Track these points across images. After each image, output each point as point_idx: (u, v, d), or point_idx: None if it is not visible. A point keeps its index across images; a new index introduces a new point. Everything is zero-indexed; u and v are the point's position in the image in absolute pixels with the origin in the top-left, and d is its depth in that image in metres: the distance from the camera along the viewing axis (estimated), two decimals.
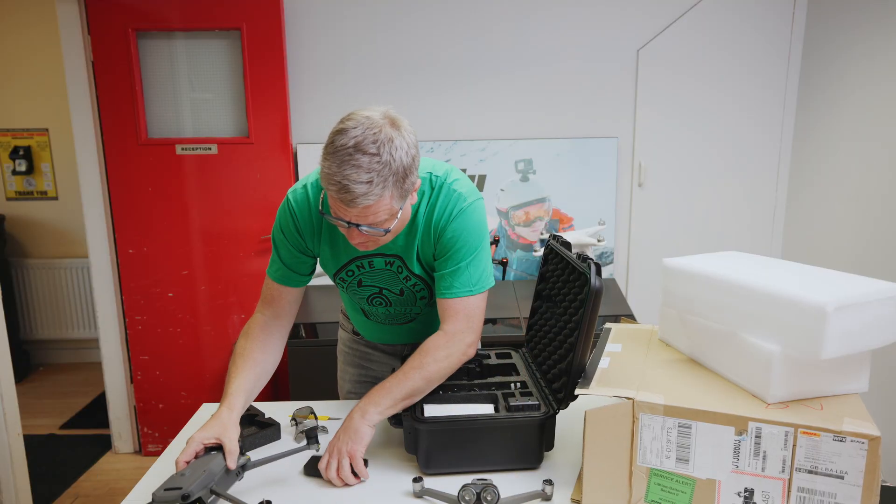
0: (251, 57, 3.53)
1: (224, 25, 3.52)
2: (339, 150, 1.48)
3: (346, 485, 1.64)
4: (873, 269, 3.05)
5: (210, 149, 3.63)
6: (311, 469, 1.72)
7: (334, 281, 1.93)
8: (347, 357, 2.27)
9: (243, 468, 1.60)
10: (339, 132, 1.51)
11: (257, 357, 1.82)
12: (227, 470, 1.56)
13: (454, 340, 1.74)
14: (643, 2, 3.66)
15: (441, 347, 1.74)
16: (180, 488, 1.43)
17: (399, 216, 1.59)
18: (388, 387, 1.70)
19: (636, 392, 1.46)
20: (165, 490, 1.44)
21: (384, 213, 1.54)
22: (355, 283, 1.87)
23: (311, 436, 1.68)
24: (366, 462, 1.70)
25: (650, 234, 3.90)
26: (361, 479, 1.65)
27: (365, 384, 2.19)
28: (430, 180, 1.75)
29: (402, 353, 2.13)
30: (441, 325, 1.77)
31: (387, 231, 1.58)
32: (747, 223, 3.89)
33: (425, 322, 2.01)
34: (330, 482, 1.65)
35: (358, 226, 1.54)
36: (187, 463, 1.55)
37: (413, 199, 1.65)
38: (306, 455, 1.75)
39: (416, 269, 1.81)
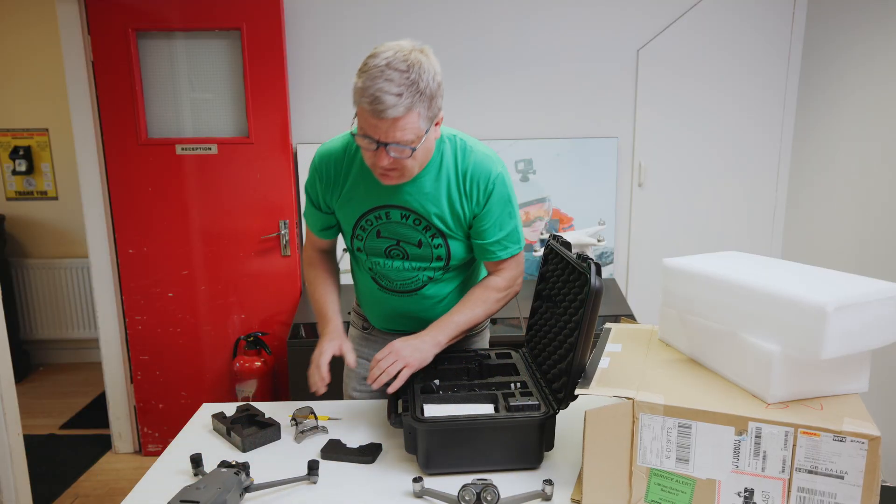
0: (251, 57, 3.53)
1: (224, 25, 3.52)
2: (372, 68, 1.59)
3: (377, 383, 1.82)
4: (873, 269, 3.05)
5: (210, 149, 3.63)
6: (328, 452, 1.80)
7: (351, 244, 2.01)
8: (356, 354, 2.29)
9: (247, 490, 1.60)
10: (371, 56, 1.62)
11: (330, 280, 2.12)
12: (242, 492, 1.58)
13: (514, 285, 2.02)
14: (643, 2, 3.66)
15: (503, 289, 1.99)
16: (197, 502, 1.43)
17: (423, 141, 1.68)
18: (455, 319, 1.93)
19: (636, 392, 1.47)
20: (181, 502, 1.44)
21: (411, 132, 1.63)
22: (374, 233, 1.93)
23: (313, 467, 1.70)
24: (380, 449, 1.79)
25: (650, 234, 3.90)
26: (394, 388, 1.81)
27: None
28: (455, 141, 1.87)
29: None
30: (491, 273, 2.01)
31: (413, 150, 1.66)
32: (747, 223, 3.89)
33: (433, 296, 2.04)
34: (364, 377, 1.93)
35: (386, 145, 1.64)
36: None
37: (437, 132, 1.77)
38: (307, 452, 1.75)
39: (437, 222, 1.89)
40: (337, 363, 2.43)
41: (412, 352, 1.85)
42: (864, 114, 3.18)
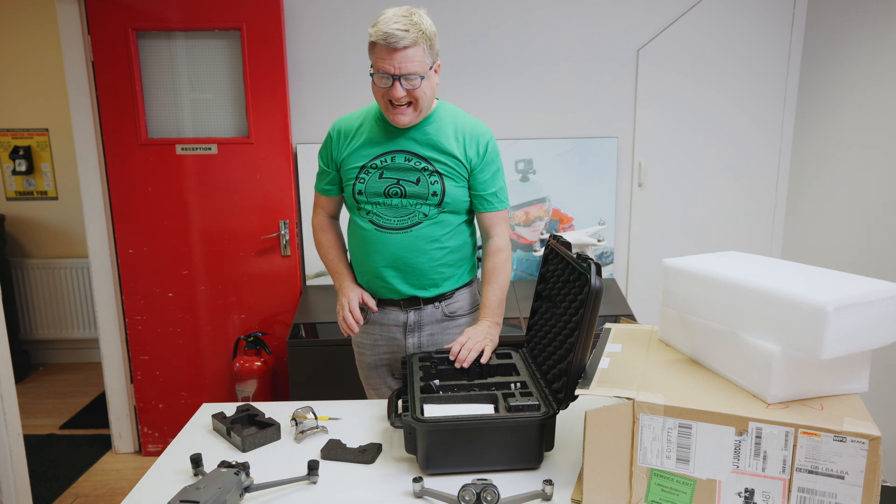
0: (251, 57, 3.53)
1: (224, 25, 3.52)
2: (382, 19, 1.99)
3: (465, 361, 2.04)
4: (873, 270, 3.05)
5: (210, 149, 3.63)
6: (328, 452, 1.81)
7: (353, 189, 2.22)
8: (360, 349, 2.43)
9: (247, 490, 1.60)
10: (379, 16, 2.01)
11: (341, 243, 2.45)
12: (242, 492, 1.58)
13: (509, 245, 2.31)
14: (643, 2, 3.66)
15: (505, 248, 2.29)
16: (197, 502, 1.43)
17: (428, 77, 2.05)
18: (494, 298, 2.24)
19: (636, 392, 1.47)
20: (181, 502, 1.44)
21: (418, 64, 2.00)
22: (377, 175, 2.19)
23: (313, 467, 1.70)
24: (380, 449, 1.84)
25: (650, 234, 3.90)
26: (485, 360, 2.08)
27: (379, 368, 2.42)
28: (451, 106, 2.28)
29: (403, 321, 2.34)
30: (492, 236, 2.29)
31: (422, 80, 2.02)
32: (747, 223, 3.89)
33: (426, 236, 2.21)
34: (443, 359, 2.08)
35: (399, 77, 1.99)
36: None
37: (437, 78, 2.12)
38: (307, 456, 1.75)
39: (436, 164, 2.17)
40: (331, 364, 2.45)
41: (486, 333, 2.15)
42: (863, 114, 3.18)
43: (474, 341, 2.09)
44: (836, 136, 3.39)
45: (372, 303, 2.28)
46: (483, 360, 2.06)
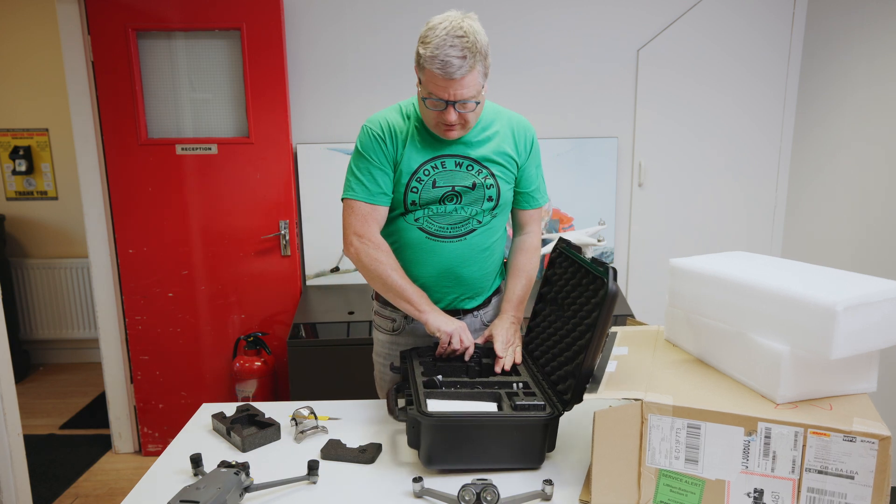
0: (251, 57, 3.52)
1: (224, 25, 3.51)
2: (435, 38, 1.84)
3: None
4: (873, 270, 3.06)
5: (210, 149, 3.62)
6: (328, 452, 1.81)
7: (405, 199, 2.07)
8: (386, 360, 2.30)
9: (247, 490, 1.60)
10: (430, 28, 1.88)
11: (398, 265, 2.10)
12: (241, 492, 1.58)
13: (540, 245, 2.28)
14: (643, 2, 3.66)
15: (537, 247, 2.27)
16: (197, 502, 1.43)
17: (482, 93, 1.95)
18: (524, 296, 2.19)
19: (644, 393, 1.47)
20: (181, 502, 1.43)
21: (474, 88, 1.89)
22: (430, 183, 2.06)
23: (313, 467, 1.70)
24: (380, 449, 1.81)
25: (650, 234, 3.90)
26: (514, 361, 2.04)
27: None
28: (488, 103, 2.16)
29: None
30: (526, 233, 2.26)
31: (477, 104, 1.93)
32: (747, 223, 3.90)
33: (478, 244, 2.13)
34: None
35: (454, 103, 1.89)
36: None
37: (486, 87, 1.98)
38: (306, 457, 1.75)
39: (489, 164, 2.08)
40: (331, 364, 2.42)
41: (515, 332, 2.11)
42: (864, 114, 3.18)
43: (515, 345, 2.06)
44: (836, 136, 3.40)
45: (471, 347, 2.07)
46: (517, 361, 2.03)
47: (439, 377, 1.91)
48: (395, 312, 2.22)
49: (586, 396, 1.53)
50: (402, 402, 1.87)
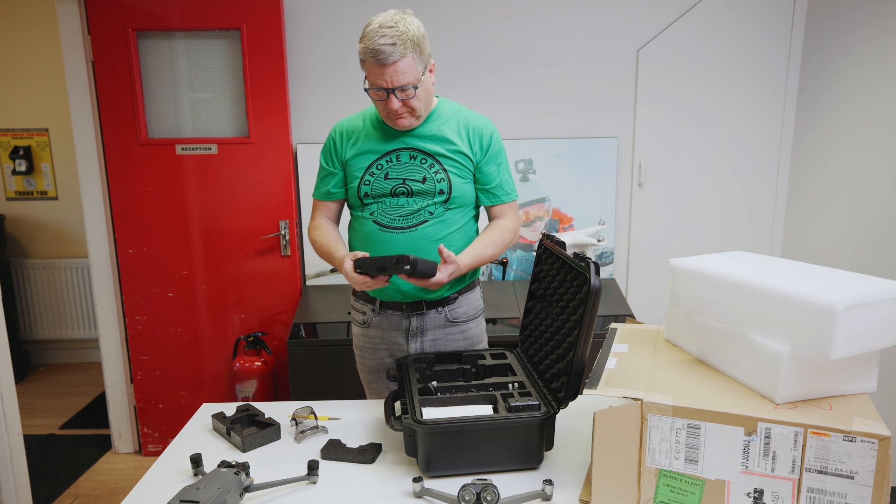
0: (251, 57, 3.52)
1: (224, 25, 3.52)
2: (368, 32, 1.99)
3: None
4: (873, 270, 3.06)
5: (210, 149, 3.62)
6: (328, 452, 1.82)
7: (358, 192, 2.21)
8: (361, 352, 2.39)
9: (247, 490, 1.60)
10: (366, 25, 2.01)
11: (337, 234, 2.32)
12: (241, 492, 1.58)
13: (518, 225, 2.33)
14: (643, 2, 3.66)
15: (512, 230, 2.28)
16: (197, 502, 1.43)
17: (422, 83, 2.05)
18: (478, 252, 2.18)
19: (644, 393, 1.46)
20: (181, 502, 1.44)
21: (410, 74, 2.01)
22: (382, 176, 2.19)
23: (313, 467, 1.71)
24: (380, 449, 1.80)
25: (650, 234, 3.90)
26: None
27: (381, 371, 2.36)
28: (451, 102, 2.28)
29: (406, 326, 2.29)
30: (505, 216, 2.30)
31: (416, 90, 2.03)
32: (747, 223, 3.90)
33: (430, 235, 2.18)
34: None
35: (393, 90, 2.01)
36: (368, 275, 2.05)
37: (433, 78, 2.14)
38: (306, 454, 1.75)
39: (441, 159, 2.17)
40: (331, 364, 2.42)
41: (454, 274, 2.09)
42: (864, 114, 3.18)
43: (446, 276, 2.06)
44: (836, 136, 3.40)
45: (362, 254, 2.09)
46: (433, 281, 2.02)
47: (433, 383, 1.91)
48: (365, 305, 2.33)
49: (586, 392, 1.53)
50: (398, 411, 1.86)
